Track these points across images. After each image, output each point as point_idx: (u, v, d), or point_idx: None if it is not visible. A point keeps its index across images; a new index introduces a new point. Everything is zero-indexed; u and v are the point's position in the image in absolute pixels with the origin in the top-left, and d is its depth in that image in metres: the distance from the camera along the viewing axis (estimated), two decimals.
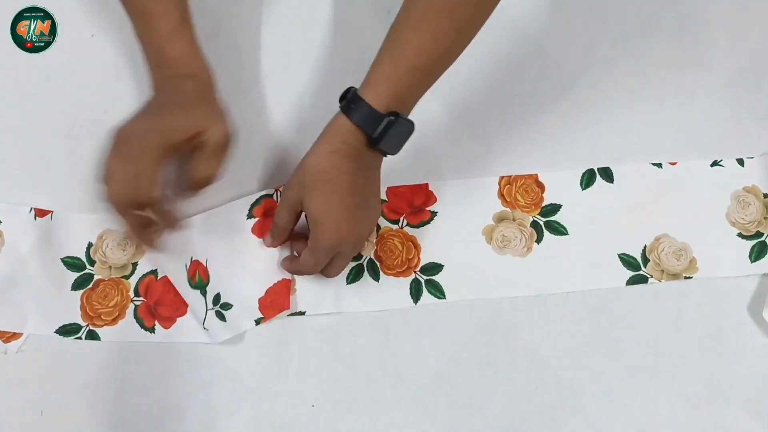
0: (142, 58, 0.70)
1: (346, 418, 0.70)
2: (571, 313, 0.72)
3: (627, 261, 0.73)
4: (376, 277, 0.73)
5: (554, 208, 0.75)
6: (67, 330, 0.72)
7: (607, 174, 0.76)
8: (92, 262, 0.73)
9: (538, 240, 0.74)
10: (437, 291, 0.73)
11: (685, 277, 0.73)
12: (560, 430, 0.70)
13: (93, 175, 0.66)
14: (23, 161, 0.76)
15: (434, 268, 0.74)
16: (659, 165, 0.76)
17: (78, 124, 0.77)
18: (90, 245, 0.74)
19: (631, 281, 0.73)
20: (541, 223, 0.75)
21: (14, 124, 0.77)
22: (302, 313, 0.72)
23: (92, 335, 0.71)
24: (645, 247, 0.74)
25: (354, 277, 0.73)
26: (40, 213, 0.74)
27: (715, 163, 0.76)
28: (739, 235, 0.74)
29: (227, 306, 0.71)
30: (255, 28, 0.80)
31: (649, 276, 0.73)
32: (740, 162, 0.76)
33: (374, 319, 0.72)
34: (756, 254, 0.73)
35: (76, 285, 0.73)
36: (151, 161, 0.64)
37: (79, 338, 0.71)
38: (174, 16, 0.69)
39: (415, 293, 0.73)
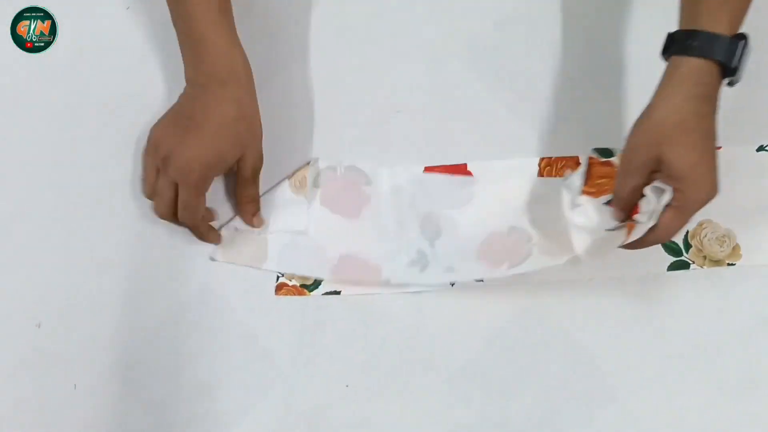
0: (179, 47, 0.70)
1: (378, 400, 0.70)
2: (609, 298, 0.71)
3: (669, 246, 0.72)
4: None
5: None
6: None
7: None
8: None
9: None
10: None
11: (728, 264, 0.71)
12: (595, 418, 0.69)
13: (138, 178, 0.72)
14: (23, 164, 0.76)
15: None
16: None
17: (78, 125, 0.77)
18: None
19: (673, 267, 0.71)
20: None
21: (14, 124, 0.77)
22: (338, 293, 0.72)
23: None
24: (687, 232, 0.72)
25: None
26: None
27: (761, 148, 0.74)
28: None
29: None
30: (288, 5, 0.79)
31: (691, 262, 0.71)
32: None
33: (409, 302, 0.71)
34: None
35: None
36: (197, 193, 0.68)
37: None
38: (213, 4, 0.67)
39: None
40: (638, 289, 0.71)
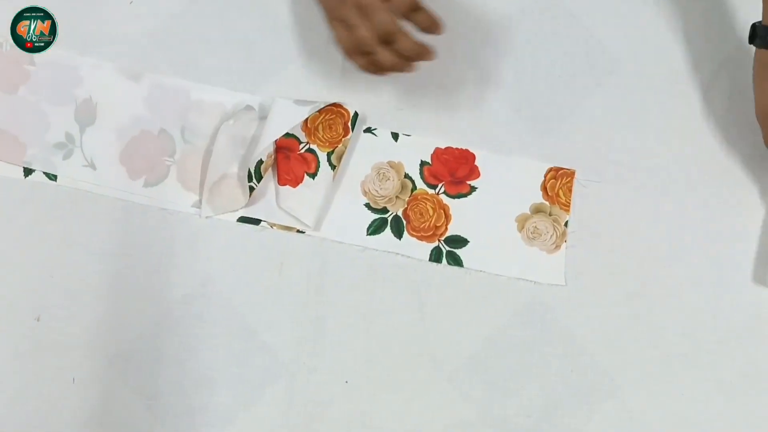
0: None
1: (379, 396, 0.70)
2: (609, 296, 0.72)
3: None
4: (399, 236, 0.73)
5: None
6: None
7: None
8: None
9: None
10: (456, 263, 0.72)
11: None
12: (595, 414, 0.69)
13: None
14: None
15: (459, 241, 0.73)
16: None
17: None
18: None
19: None
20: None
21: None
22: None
23: None
24: None
25: (375, 230, 0.73)
26: None
27: None
28: None
29: None
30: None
31: None
32: None
33: (410, 298, 0.72)
34: None
35: None
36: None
37: None
38: None
39: (435, 260, 0.73)
40: (637, 288, 0.72)
